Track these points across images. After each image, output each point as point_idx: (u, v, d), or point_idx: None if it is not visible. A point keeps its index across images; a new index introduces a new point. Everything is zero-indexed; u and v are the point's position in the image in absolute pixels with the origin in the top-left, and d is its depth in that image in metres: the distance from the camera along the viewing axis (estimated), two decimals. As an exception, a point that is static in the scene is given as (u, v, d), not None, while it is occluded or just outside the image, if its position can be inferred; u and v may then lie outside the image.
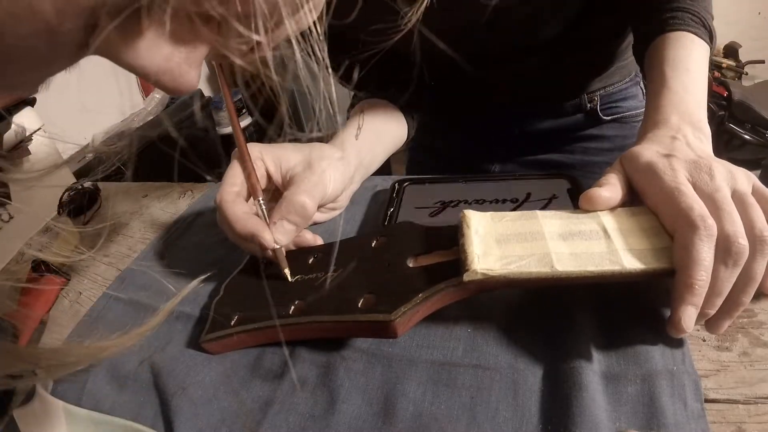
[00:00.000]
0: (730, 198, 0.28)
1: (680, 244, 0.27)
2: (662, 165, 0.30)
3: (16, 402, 0.36)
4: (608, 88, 0.61)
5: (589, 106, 0.61)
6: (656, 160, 0.31)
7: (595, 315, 0.31)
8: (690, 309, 0.27)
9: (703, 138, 0.34)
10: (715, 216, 0.27)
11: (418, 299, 0.28)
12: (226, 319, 0.34)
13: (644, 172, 0.31)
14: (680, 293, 0.27)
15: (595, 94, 0.60)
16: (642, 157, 0.32)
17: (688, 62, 0.39)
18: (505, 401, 0.28)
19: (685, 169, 0.30)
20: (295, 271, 0.35)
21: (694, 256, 0.26)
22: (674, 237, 0.28)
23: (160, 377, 0.33)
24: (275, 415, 0.30)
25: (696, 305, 0.27)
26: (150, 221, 0.56)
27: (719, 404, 0.26)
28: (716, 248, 0.26)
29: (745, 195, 0.28)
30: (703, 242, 0.26)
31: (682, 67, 0.39)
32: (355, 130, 0.48)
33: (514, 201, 0.42)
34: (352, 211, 0.48)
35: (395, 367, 0.31)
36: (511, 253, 0.28)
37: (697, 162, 0.30)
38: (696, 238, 0.26)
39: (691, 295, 0.26)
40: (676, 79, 0.38)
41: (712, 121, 1.75)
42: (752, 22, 2.13)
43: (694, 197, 0.28)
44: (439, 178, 0.48)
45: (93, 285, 0.48)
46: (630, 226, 0.30)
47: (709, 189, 0.28)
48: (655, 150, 0.32)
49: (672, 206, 0.28)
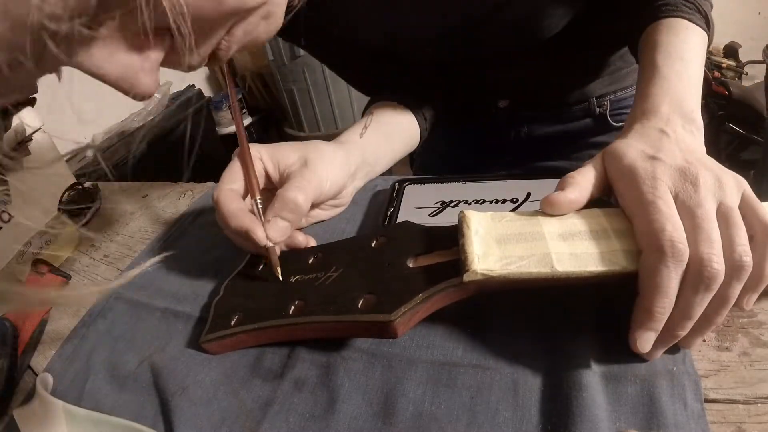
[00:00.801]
0: (712, 214, 0.26)
1: (645, 268, 0.26)
2: (644, 172, 0.28)
3: (16, 402, 0.36)
4: (619, 93, 0.59)
5: (598, 111, 0.59)
6: (639, 164, 0.29)
7: (595, 315, 0.31)
8: (648, 333, 0.26)
9: (695, 130, 0.32)
10: (692, 235, 0.25)
11: (418, 299, 0.28)
12: (226, 319, 0.34)
13: (624, 177, 0.29)
14: (640, 317, 0.26)
15: (604, 98, 0.58)
16: (625, 157, 0.30)
17: (683, 49, 0.37)
18: (505, 401, 0.28)
19: (669, 177, 0.27)
20: (295, 271, 0.35)
21: (657, 283, 0.25)
22: (641, 257, 0.26)
23: (160, 377, 0.33)
24: (275, 415, 0.30)
25: (655, 330, 0.26)
26: (150, 221, 0.56)
27: (719, 404, 0.26)
28: (688, 271, 0.25)
29: (731, 210, 0.26)
30: (668, 269, 0.24)
31: (675, 54, 0.37)
32: (361, 129, 0.48)
33: (514, 201, 0.42)
34: (352, 211, 0.48)
35: (395, 367, 0.31)
36: (511, 254, 0.28)
37: (684, 170, 0.27)
38: (661, 264, 0.25)
39: (650, 321, 0.26)
40: (669, 67, 0.36)
41: (712, 122, 1.75)
42: (752, 22, 2.13)
43: (669, 215, 0.26)
44: (439, 178, 0.47)
45: (93, 285, 0.48)
46: (630, 226, 0.29)
47: (691, 203, 0.26)
48: (640, 150, 0.30)
49: (644, 222, 0.26)
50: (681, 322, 0.26)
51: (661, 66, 0.36)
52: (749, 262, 0.25)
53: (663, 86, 0.35)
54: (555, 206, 0.29)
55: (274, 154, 0.40)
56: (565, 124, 0.61)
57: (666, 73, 0.36)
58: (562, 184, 0.30)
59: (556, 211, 0.30)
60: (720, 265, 0.24)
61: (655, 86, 0.35)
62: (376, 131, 0.49)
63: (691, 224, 0.25)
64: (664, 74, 0.36)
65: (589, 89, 0.58)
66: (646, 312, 0.26)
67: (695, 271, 0.24)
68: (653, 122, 0.32)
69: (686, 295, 0.25)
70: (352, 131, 0.48)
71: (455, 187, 0.46)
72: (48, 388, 0.35)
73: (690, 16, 0.39)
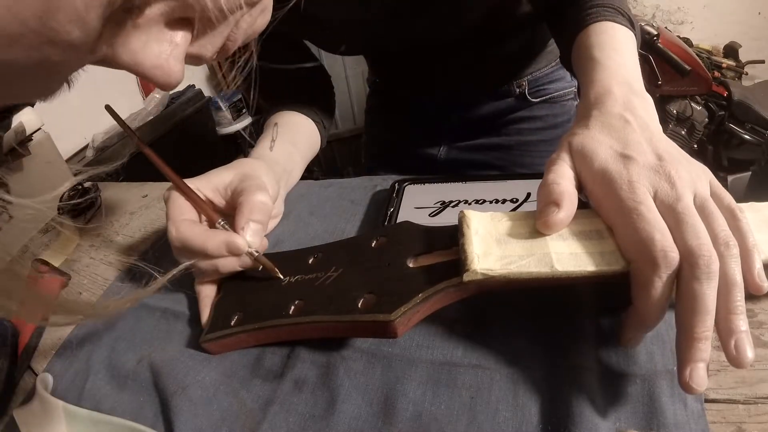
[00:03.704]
0: (692, 206, 0.26)
1: (638, 280, 0.26)
2: (619, 177, 0.27)
3: (16, 402, 0.36)
4: (535, 73, 0.64)
5: (518, 91, 0.65)
6: (612, 168, 0.28)
7: (595, 315, 0.31)
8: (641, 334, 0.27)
9: (649, 108, 0.32)
10: (677, 230, 0.25)
11: (418, 299, 0.28)
12: (226, 319, 0.34)
13: (599, 183, 0.29)
14: (632, 322, 0.27)
15: (522, 79, 0.64)
16: (596, 158, 0.29)
17: (614, 43, 0.39)
18: (505, 401, 0.28)
19: (645, 178, 0.27)
20: (295, 271, 0.35)
21: (652, 293, 0.25)
22: (631, 267, 0.26)
23: (160, 377, 0.33)
24: (275, 415, 0.30)
25: (646, 331, 0.27)
26: (150, 221, 0.56)
27: (719, 404, 0.26)
28: (683, 267, 0.24)
29: (706, 201, 0.27)
30: (662, 279, 0.24)
31: (609, 47, 0.39)
32: (269, 143, 0.50)
33: (514, 201, 0.42)
34: (352, 211, 0.48)
35: (395, 367, 0.31)
36: (511, 253, 0.28)
37: (657, 168, 0.27)
38: (655, 276, 0.25)
39: (642, 326, 0.27)
40: (607, 58, 0.37)
41: (712, 121, 1.75)
42: (752, 22, 2.13)
43: (654, 222, 0.25)
44: (439, 178, 0.48)
45: (93, 285, 0.48)
46: None
47: (670, 200, 0.26)
48: (608, 146, 0.29)
49: (630, 232, 0.26)
50: (701, 317, 0.24)
51: (599, 57, 0.38)
52: (735, 243, 0.25)
53: (607, 72, 0.36)
54: (550, 226, 0.28)
55: (208, 180, 0.40)
56: (491, 104, 0.66)
57: (606, 63, 0.37)
58: (556, 198, 0.29)
59: (556, 231, 0.28)
60: (712, 251, 0.24)
61: (599, 73, 0.36)
62: (284, 141, 0.51)
63: (674, 220, 0.26)
64: (604, 64, 0.37)
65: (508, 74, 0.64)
66: (640, 318, 0.26)
67: (691, 264, 0.24)
68: (610, 106, 0.32)
69: (693, 289, 0.24)
70: (261, 146, 0.49)
71: (455, 187, 0.46)
72: (48, 388, 0.35)
73: (614, 18, 0.41)
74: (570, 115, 0.67)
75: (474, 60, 0.61)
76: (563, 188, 0.29)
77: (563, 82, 0.66)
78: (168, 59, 0.21)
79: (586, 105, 0.34)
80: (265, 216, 0.37)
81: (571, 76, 0.67)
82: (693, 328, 0.24)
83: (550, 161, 0.31)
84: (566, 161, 0.31)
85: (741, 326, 0.24)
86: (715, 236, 0.25)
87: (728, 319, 0.24)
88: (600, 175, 0.28)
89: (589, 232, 0.29)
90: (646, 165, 0.28)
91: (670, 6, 2.25)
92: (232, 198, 0.39)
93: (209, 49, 0.24)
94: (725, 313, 0.24)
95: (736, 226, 0.26)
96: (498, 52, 0.61)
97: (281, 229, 0.47)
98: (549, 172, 0.30)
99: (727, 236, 0.25)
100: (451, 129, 0.70)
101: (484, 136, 0.69)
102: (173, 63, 0.22)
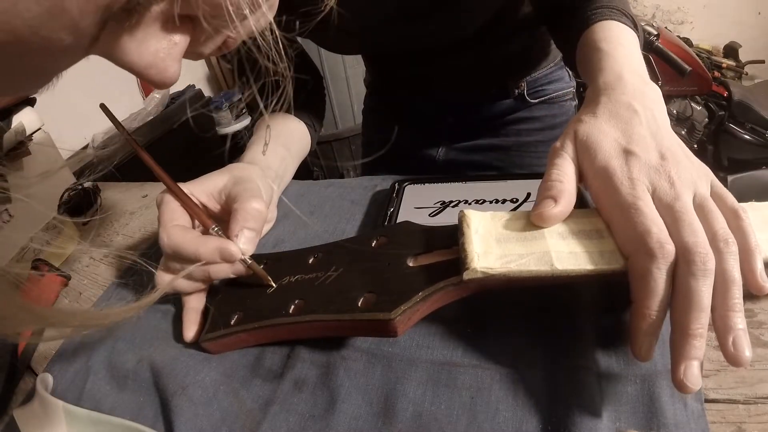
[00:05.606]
0: (690, 205, 0.26)
1: (636, 273, 0.25)
2: (620, 173, 0.28)
3: (16, 402, 0.36)
4: (534, 74, 0.64)
5: (516, 92, 0.64)
6: (614, 164, 0.28)
7: (595, 315, 0.31)
8: (650, 339, 0.25)
9: (657, 98, 0.32)
10: (674, 228, 0.25)
11: (418, 298, 0.28)
12: (226, 319, 0.34)
13: (600, 176, 0.29)
14: (637, 323, 0.26)
15: (521, 80, 0.64)
16: (599, 152, 0.29)
17: (621, 39, 0.39)
18: (505, 401, 0.28)
19: (645, 176, 0.27)
20: (295, 271, 0.35)
21: (652, 287, 0.25)
22: (629, 262, 0.26)
23: (160, 377, 0.33)
24: (275, 415, 0.30)
25: (654, 335, 0.25)
26: (150, 221, 0.56)
27: (719, 404, 0.26)
28: (679, 263, 0.25)
29: (705, 200, 0.27)
30: (660, 270, 0.25)
31: (615, 41, 0.39)
32: (262, 146, 0.49)
33: (514, 201, 0.42)
34: (352, 211, 0.48)
35: (395, 367, 0.31)
36: (511, 252, 0.28)
37: (658, 166, 0.28)
38: (653, 266, 0.25)
39: (648, 326, 0.25)
40: (614, 50, 0.38)
41: (712, 121, 1.75)
42: (752, 22, 2.13)
43: (652, 217, 0.26)
44: (439, 178, 0.48)
45: (93, 285, 0.48)
46: None
47: (669, 198, 0.26)
48: (613, 139, 0.30)
49: (628, 227, 0.26)
50: (695, 314, 0.24)
51: (607, 49, 0.38)
52: (733, 240, 0.25)
53: (617, 61, 0.36)
54: (545, 220, 0.29)
55: (202, 185, 0.40)
56: (490, 105, 0.66)
57: (614, 54, 0.37)
58: (553, 193, 0.29)
59: (549, 225, 0.29)
60: (708, 249, 0.24)
61: (609, 62, 0.36)
62: (277, 144, 0.51)
63: (671, 218, 0.26)
64: (613, 54, 0.37)
65: (508, 75, 0.64)
66: (643, 317, 0.25)
67: (688, 261, 0.24)
68: (620, 93, 0.32)
69: (689, 285, 0.24)
70: (254, 150, 0.49)
71: (455, 187, 0.46)
72: (48, 388, 0.35)
73: (618, 18, 0.42)
74: (569, 115, 0.68)
75: (473, 62, 0.61)
76: (564, 186, 0.29)
77: (562, 83, 0.66)
78: (165, 58, 0.21)
79: (596, 90, 0.34)
80: (259, 224, 0.36)
81: (569, 77, 0.67)
82: (688, 324, 0.24)
83: (553, 150, 0.32)
84: (569, 153, 0.31)
85: (739, 324, 0.24)
86: (713, 234, 0.25)
87: (726, 317, 0.24)
88: (601, 170, 0.29)
89: (589, 231, 0.29)
90: (648, 162, 0.28)
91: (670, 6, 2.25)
92: (226, 203, 0.39)
93: (209, 47, 0.23)
94: (723, 310, 0.24)
95: (738, 226, 0.26)
96: (498, 53, 0.61)
97: (281, 229, 0.47)
98: (552, 167, 0.31)
99: (726, 234, 0.25)
100: (449, 130, 0.70)
101: (482, 137, 0.69)
102: (169, 62, 0.21)
